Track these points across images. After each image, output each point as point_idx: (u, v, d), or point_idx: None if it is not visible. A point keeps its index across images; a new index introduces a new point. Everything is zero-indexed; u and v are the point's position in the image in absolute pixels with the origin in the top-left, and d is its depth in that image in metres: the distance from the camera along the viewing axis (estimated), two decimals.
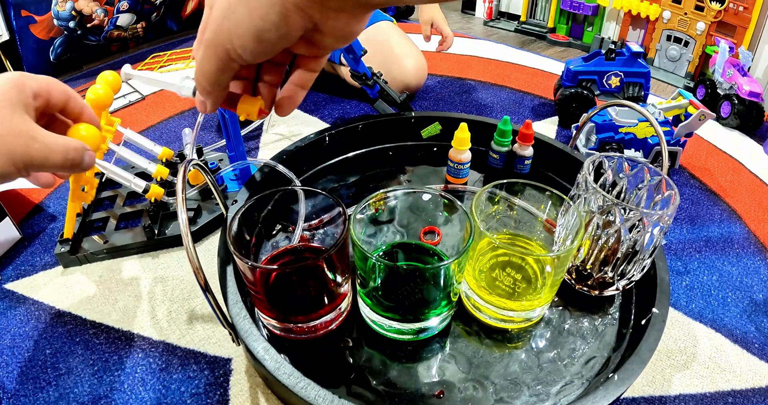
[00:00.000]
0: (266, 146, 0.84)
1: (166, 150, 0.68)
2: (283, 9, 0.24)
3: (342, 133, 0.72)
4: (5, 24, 1.01)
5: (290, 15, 0.25)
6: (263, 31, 0.25)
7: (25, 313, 0.53)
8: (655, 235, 0.45)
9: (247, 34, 0.26)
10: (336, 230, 0.47)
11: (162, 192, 0.61)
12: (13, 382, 0.46)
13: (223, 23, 0.26)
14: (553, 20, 1.41)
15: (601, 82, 0.88)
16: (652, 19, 1.17)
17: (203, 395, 0.45)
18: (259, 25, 0.25)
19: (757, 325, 0.54)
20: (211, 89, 0.29)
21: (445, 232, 0.51)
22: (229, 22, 0.26)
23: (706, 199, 0.73)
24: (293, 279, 0.44)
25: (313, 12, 0.25)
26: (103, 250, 0.59)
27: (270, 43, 0.26)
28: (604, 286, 0.50)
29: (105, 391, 0.45)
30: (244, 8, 0.25)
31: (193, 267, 0.36)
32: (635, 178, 0.51)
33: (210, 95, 0.30)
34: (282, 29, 0.25)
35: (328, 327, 0.47)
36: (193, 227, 0.62)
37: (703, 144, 0.87)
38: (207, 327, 0.51)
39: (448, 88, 1.06)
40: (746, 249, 0.64)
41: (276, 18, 0.25)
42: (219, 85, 0.29)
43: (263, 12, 0.25)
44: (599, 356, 0.47)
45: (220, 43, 0.27)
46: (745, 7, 1.00)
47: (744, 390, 0.47)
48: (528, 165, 0.69)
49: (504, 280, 0.47)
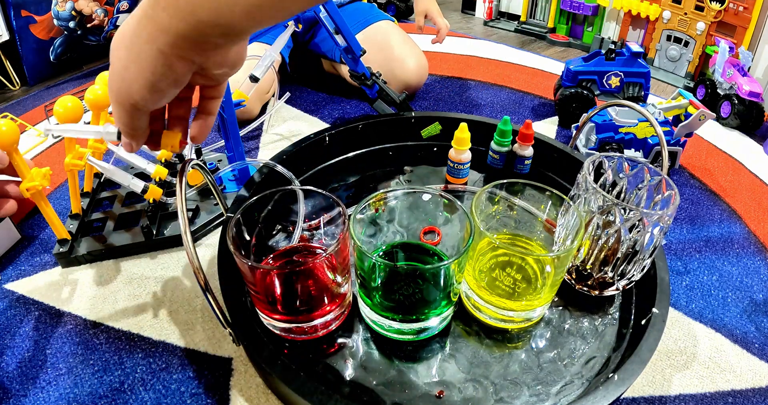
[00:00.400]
0: (266, 146, 0.84)
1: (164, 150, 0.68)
2: (167, 60, 0.28)
3: (342, 133, 0.72)
4: (5, 24, 1.01)
5: (173, 64, 0.28)
6: (155, 83, 0.29)
7: (25, 313, 0.53)
8: (655, 235, 0.45)
9: (143, 88, 0.29)
10: (336, 230, 0.47)
11: (161, 192, 0.61)
12: (13, 382, 0.46)
13: (122, 82, 0.30)
14: (553, 20, 1.41)
15: (601, 82, 0.88)
16: (652, 19, 1.17)
17: (203, 395, 0.45)
18: (150, 78, 0.29)
19: (757, 325, 0.54)
20: (133, 133, 0.34)
21: (445, 232, 0.51)
22: (127, 81, 0.29)
23: (706, 199, 0.73)
24: (293, 279, 0.44)
25: (193, 56, 0.29)
26: (101, 251, 0.59)
27: (164, 90, 0.30)
28: (604, 286, 0.50)
29: (105, 391, 0.45)
30: (135, 66, 0.29)
31: (193, 267, 0.36)
32: (635, 178, 0.51)
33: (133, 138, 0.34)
34: (170, 77, 0.29)
35: (328, 327, 0.47)
36: (192, 227, 0.62)
37: (703, 144, 0.87)
38: (207, 327, 0.51)
39: (448, 88, 1.06)
40: (746, 249, 0.64)
41: (163, 69, 0.28)
42: (138, 129, 0.33)
43: (151, 66, 0.28)
44: (599, 356, 0.47)
45: (125, 100, 0.30)
46: (745, 7, 1.00)
47: (744, 390, 0.47)
48: (528, 165, 0.69)
49: (504, 280, 0.47)
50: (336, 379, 0.44)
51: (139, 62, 0.28)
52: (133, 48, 0.28)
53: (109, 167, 0.57)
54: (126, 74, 0.29)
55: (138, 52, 0.28)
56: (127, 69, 0.29)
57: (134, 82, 0.29)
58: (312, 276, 0.44)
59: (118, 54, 0.29)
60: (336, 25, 0.68)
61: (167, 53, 0.28)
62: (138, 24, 0.28)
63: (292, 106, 0.97)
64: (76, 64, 1.14)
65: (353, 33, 0.71)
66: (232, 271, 0.48)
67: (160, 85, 0.29)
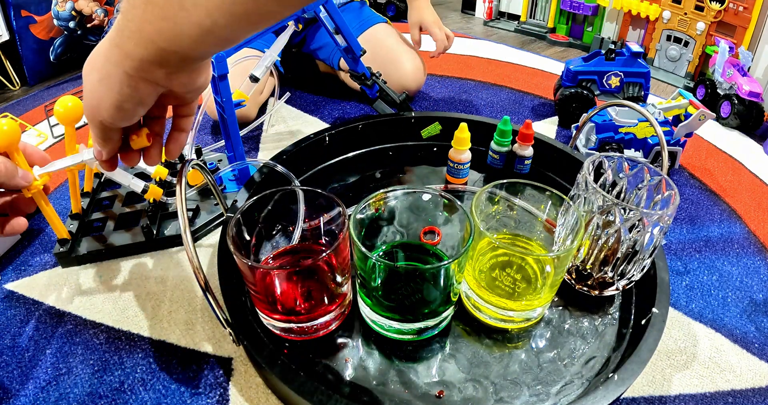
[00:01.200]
0: (266, 146, 0.84)
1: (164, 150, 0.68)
2: (132, 82, 0.30)
3: (342, 133, 0.72)
4: (5, 24, 1.01)
5: (138, 85, 0.31)
6: (121, 103, 0.31)
7: (25, 313, 0.53)
8: (655, 235, 0.45)
9: (110, 108, 0.32)
10: (336, 230, 0.47)
11: (161, 192, 0.61)
12: (13, 382, 0.46)
13: (92, 102, 0.32)
14: (553, 20, 1.41)
15: (601, 82, 0.88)
16: (652, 19, 1.17)
17: (203, 395, 0.45)
18: (117, 98, 0.31)
19: (757, 325, 0.54)
20: (103, 145, 0.36)
21: (445, 232, 0.51)
22: (95, 101, 0.32)
23: (706, 199, 0.73)
24: (293, 279, 0.44)
25: (157, 79, 0.31)
26: (101, 250, 0.59)
27: (130, 110, 0.32)
28: (604, 286, 0.50)
29: (105, 391, 0.45)
30: (103, 87, 0.31)
31: (193, 267, 0.36)
32: (635, 178, 0.51)
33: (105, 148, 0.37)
34: (135, 98, 0.31)
35: (328, 327, 0.47)
36: (192, 227, 0.62)
37: (703, 144, 0.87)
38: (207, 327, 0.51)
39: (448, 88, 1.06)
40: (746, 249, 0.64)
41: (128, 90, 0.31)
42: (108, 141, 0.36)
43: (118, 87, 0.30)
44: (599, 356, 0.47)
45: (95, 117, 0.33)
46: (745, 7, 1.00)
47: (744, 390, 0.47)
48: (528, 165, 0.69)
49: (504, 280, 0.47)
50: (336, 379, 0.44)
51: (107, 83, 0.31)
52: (102, 70, 0.31)
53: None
54: (95, 94, 0.32)
55: (106, 74, 0.30)
56: (96, 89, 0.31)
57: (102, 101, 0.31)
58: (312, 276, 0.44)
59: (90, 75, 0.32)
60: (336, 25, 0.68)
61: (133, 76, 0.30)
62: (108, 49, 0.30)
63: (291, 106, 0.97)
64: (76, 64, 1.14)
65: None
66: (232, 271, 0.48)
67: (125, 106, 0.32)
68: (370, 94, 0.81)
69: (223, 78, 0.57)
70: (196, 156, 0.69)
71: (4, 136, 0.44)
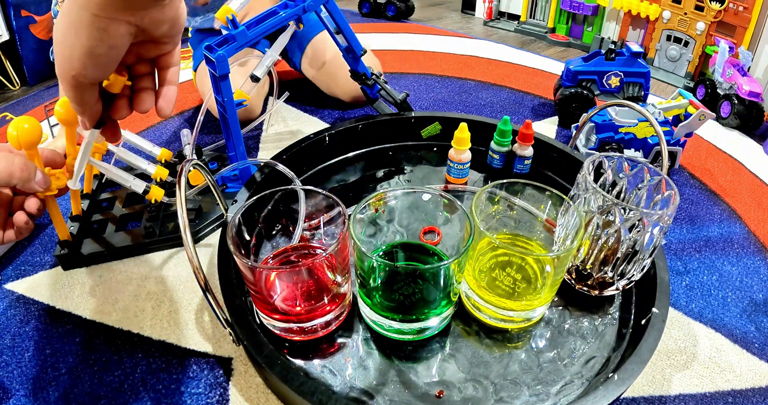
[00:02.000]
0: (266, 146, 0.84)
1: (165, 151, 0.68)
2: (101, 23, 0.29)
3: (342, 133, 0.72)
4: (5, 24, 1.01)
5: (108, 27, 0.29)
6: (93, 48, 0.30)
7: (25, 313, 0.53)
8: (655, 235, 0.45)
9: (82, 56, 0.30)
10: (336, 230, 0.47)
11: (162, 193, 0.61)
12: (13, 382, 0.46)
13: (63, 54, 0.30)
14: (553, 20, 1.41)
15: (601, 82, 0.88)
16: (652, 19, 1.17)
17: (203, 395, 0.45)
18: (87, 44, 0.29)
19: (757, 325, 0.54)
20: (82, 109, 0.34)
21: (445, 232, 0.51)
22: (66, 51, 0.30)
23: (706, 199, 0.73)
24: (293, 279, 0.44)
25: (126, 16, 0.29)
26: (103, 252, 0.59)
27: (104, 55, 0.30)
28: (604, 286, 0.50)
29: (105, 391, 0.45)
30: (72, 36, 0.29)
31: (193, 267, 0.36)
32: (635, 178, 0.51)
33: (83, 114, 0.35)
34: (107, 40, 0.30)
35: (328, 327, 0.47)
36: (194, 228, 0.62)
37: (703, 144, 0.87)
38: (207, 327, 0.51)
39: (448, 88, 1.06)
40: (746, 249, 0.64)
41: (98, 33, 0.29)
42: (86, 104, 0.34)
43: (87, 33, 0.29)
44: (599, 356, 0.47)
45: (66, 72, 0.31)
46: (745, 7, 1.00)
47: (744, 390, 0.47)
48: (528, 165, 0.69)
49: (504, 280, 0.47)
50: (336, 379, 0.44)
51: (75, 30, 0.29)
52: (69, 15, 0.29)
53: (110, 168, 0.57)
54: (66, 43, 0.30)
55: (74, 19, 0.29)
56: (66, 38, 0.30)
57: (73, 49, 0.30)
58: (312, 276, 0.44)
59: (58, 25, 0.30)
60: (337, 24, 0.68)
61: (100, 16, 0.28)
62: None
63: (291, 106, 0.97)
64: None
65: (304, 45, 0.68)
66: (232, 271, 0.48)
67: (97, 50, 0.30)
68: (371, 93, 0.81)
69: (224, 78, 0.57)
70: (196, 156, 0.69)
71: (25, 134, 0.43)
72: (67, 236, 0.57)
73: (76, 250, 0.58)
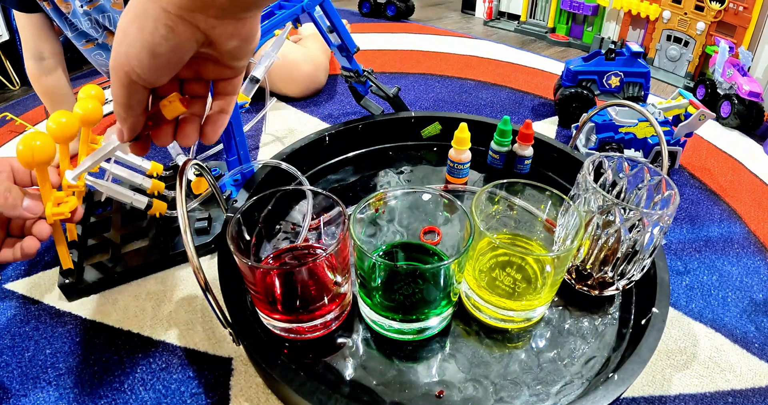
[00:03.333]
0: (265, 146, 0.84)
1: (155, 164, 0.65)
2: (169, 21, 0.26)
3: (342, 133, 0.72)
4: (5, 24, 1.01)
5: (176, 26, 0.26)
6: (155, 46, 0.27)
7: (25, 313, 0.53)
8: (655, 235, 0.45)
9: (142, 52, 0.27)
10: (336, 230, 0.47)
11: (165, 206, 0.59)
12: (13, 382, 0.46)
13: (120, 48, 0.27)
14: (553, 20, 1.41)
15: (601, 82, 0.88)
16: (652, 19, 1.17)
17: (203, 395, 0.45)
18: (150, 40, 0.26)
19: (757, 325, 0.54)
20: (125, 115, 0.30)
21: (445, 232, 0.51)
22: (125, 45, 0.27)
23: (706, 199, 0.73)
24: (293, 279, 0.44)
25: (198, 21, 0.27)
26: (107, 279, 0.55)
27: (164, 57, 0.27)
28: (604, 286, 0.50)
29: (105, 391, 0.45)
30: (135, 28, 0.27)
31: (193, 267, 0.36)
32: (635, 178, 0.51)
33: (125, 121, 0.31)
34: (171, 40, 0.27)
35: (328, 327, 0.47)
36: (208, 237, 0.60)
37: (703, 144, 0.87)
38: (207, 327, 0.51)
39: (448, 88, 1.06)
40: (746, 249, 0.64)
41: (164, 31, 0.26)
42: (131, 110, 0.30)
43: (152, 28, 0.26)
44: (599, 356, 0.47)
45: (120, 67, 0.28)
46: (745, 7, 1.00)
47: (744, 390, 0.47)
48: (528, 165, 0.69)
49: (504, 280, 0.47)
50: (336, 379, 0.44)
51: (140, 22, 0.26)
52: (138, 7, 0.26)
53: (109, 185, 0.55)
54: (125, 38, 0.27)
55: (141, 11, 0.26)
56: (128, 30, 0.27)
57: (132, 46, 0.27)
58: (312, 276, 0.44)
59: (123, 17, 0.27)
60: (332, 23, 0.68)
61: (171, 13, 0.26)
62: None
63: (291, 105, 0.97)
64: (76, 64, 1.14)
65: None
66: (232, 271, 0.48)
67: (159, 49, 0.27)
68: (363, 91, 0.81)
69: None
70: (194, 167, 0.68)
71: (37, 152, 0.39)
72: (69, 265, 0.54)
73: (81, 279, 0.55)
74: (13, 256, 0.41)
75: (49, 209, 0.43)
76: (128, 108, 0.30)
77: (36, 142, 0.39)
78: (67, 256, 0.53)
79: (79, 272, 0.55)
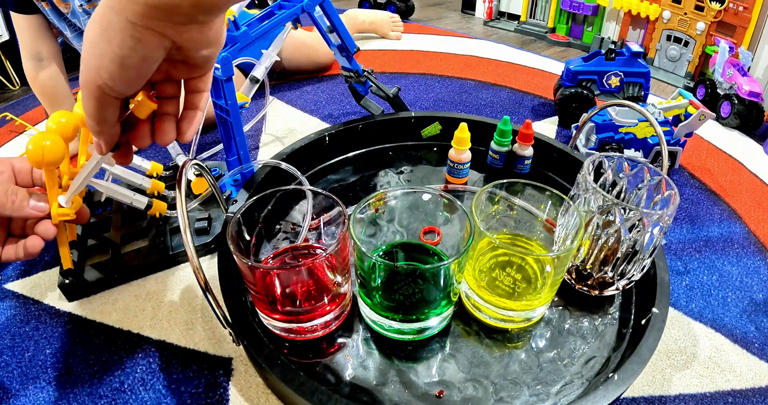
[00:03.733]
0: (265, 146, 0.84)
1: (155, 164, 0.65)
2: (136, 32, 0.26)
3: (342, 133, 0.72)
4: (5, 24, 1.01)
5: (143, 37, 0.27)
6: (124, 58, 0.27)
7: (25, 313, 0.53)
8: (655, 235, 0.45)
9: (111, 64, 0.27)
10: (336, 230, 0.47)
11: (165, 206, 0.59)
12: (13, 382, 0.46)
13: (90, 61, 0.28)
14: (553, 20, 1.41)
15: (601, 82, 0.88)
16: (652, 19, 1.17)
17: (203, 395, 0.45)
18: (118, 52, 0.27)
19: (757, 325, 0.54)
20: (100, 129, 0.31)
21: (445, 232, 0.51)
22: (95, 58, 0.27)
23: (706, 199, 0.73)
24: (293, 279, 0.44)
25: (164, 29, 0.27)
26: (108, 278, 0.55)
27: (134, 68, 0.28)
28: (604, 286, 0.50)
29: (105, 391, 0.45)
30: (103, 40, 0.27)
31: (193, 267, 0.36)
32: (635, 178, 0.51)
33: (100, 135, 0.31)
34: (140, 51, 0.27)
35: (328, 327, 0.47)
36: (208, 237, 0.60)
37: (703, 144, 0.87)
38: (207, 327, 0.51)
39: (448, 88, 1.06)
40: (746, 249, 0.64)
41: (131, 42, 0.27)
42: (105, 123, 0.30)
43: (119, 40, 0.26)
44: (599, 356, 0.47)
45: (92, 81, 0.28)
46: (745, 7, 1.00)
47: (744, 390, 0.47)
48: (528, 165, 0.69)
49: (504, 280, 0.47)
50: (336, 379, 0.44)
51: (107, 35, 0.26)
52: (103, 20, 0.27)
53: (109, 185, 0.54)
54: (94, 49, 0.27)
55: (107, 24, 0.26)
56: (96, 43, 0.27)
57: (102, 58, 0.27)
58: (312, 276, 0.44)
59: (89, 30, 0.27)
60: (332, 23, 0.68)
61: (136, 24, 0.26)
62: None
63: (291, 105, 0.97)
64: (76, 64, 1.14)
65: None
66: (232, 271, 0.48)
67: (128, 61, 0.27)
68: (362, 91, 0.81)
69: (228, 80, 0.57)
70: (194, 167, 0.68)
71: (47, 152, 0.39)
72: (69, 265, 0.53)
73: (82, 279, 0.55)
74: (16, 255, 0.41)
75: (55, 210, 0.43)
76: (102, 121, 0.30)
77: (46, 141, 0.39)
78: (68, 257, 0.52)
79: (79, 272, 0.55)
